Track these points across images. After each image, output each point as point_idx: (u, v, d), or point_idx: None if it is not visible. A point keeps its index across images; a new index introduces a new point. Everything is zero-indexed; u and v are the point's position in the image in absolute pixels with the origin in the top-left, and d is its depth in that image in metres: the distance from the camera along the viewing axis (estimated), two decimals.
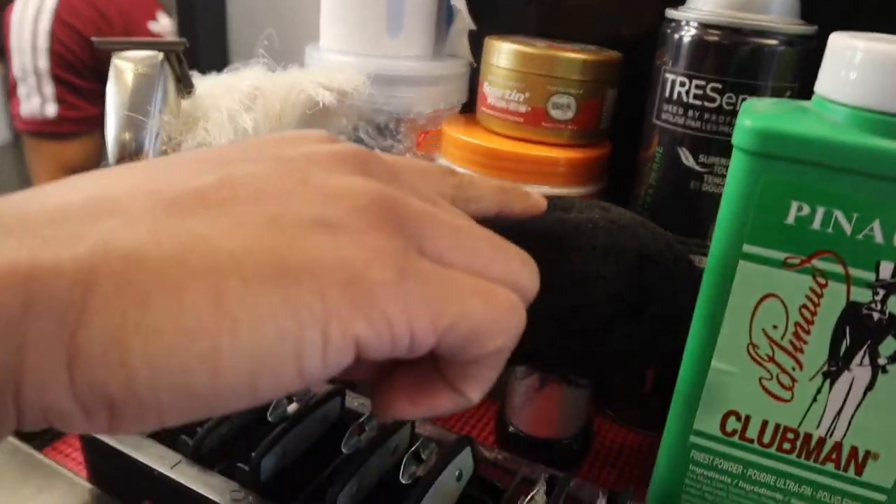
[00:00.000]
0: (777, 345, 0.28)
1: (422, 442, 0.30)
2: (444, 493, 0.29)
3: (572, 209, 0.40)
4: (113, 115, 0.41)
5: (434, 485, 0.27)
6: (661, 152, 0.43)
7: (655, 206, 0.44)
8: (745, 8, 0.39)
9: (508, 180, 0.46)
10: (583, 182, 0.48)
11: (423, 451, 0.30)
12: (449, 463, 0.29)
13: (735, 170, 0.27)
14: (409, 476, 0.28)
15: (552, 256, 0.35)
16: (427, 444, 0.30)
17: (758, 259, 0.28)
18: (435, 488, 0.28)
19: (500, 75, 0.48)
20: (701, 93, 0.40)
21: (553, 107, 0.47)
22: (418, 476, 0.28)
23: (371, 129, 0.53)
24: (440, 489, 0.28)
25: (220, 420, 0.32)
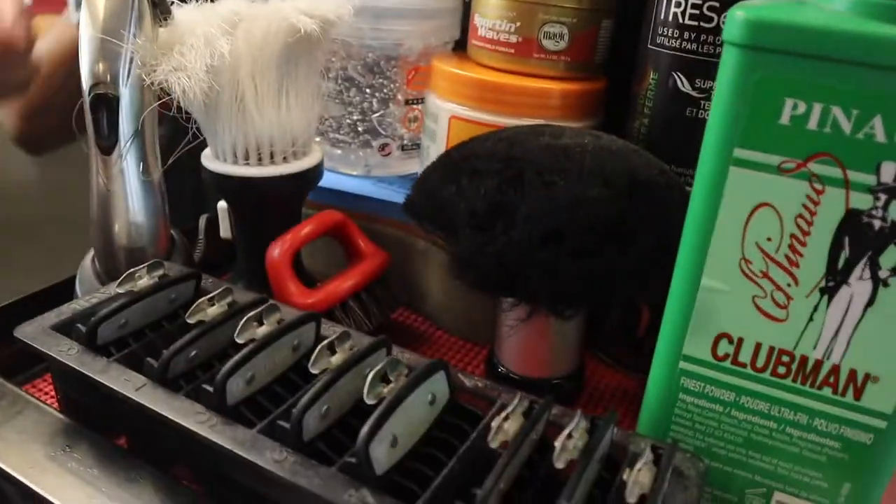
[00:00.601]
0: (771, 259, 0.27)
1: (389, 362, 0.29)
2: (414, 416, 0.27)
3: (563, 136, 0.38)
4: (86, 37, 0.39)
5: (402, 406, 0.26)
6: (656, 79, 0.41)
7: (650, 138, 0.42)
8: None
9: (499, 113, 0.44)
10: (577, 116, 0.46)
11: (390, 371, 0.28)
12: (419, 385, 0.27)
13: (725, 67, 0.25)
14: (374, 396, 0.27)
15: (539, 180, 0.34)
16: (395, 364, 0.29)
17: (750, 164, 0.26)
18: (403, 410, 0.26)
19: (491, 4, 0.46)
20: (697, 12, 0.38)
21: (545, 37, 0.45)
22: (383, 397, 0.27)
23: (361, 66, 0.51)
24: (409, 411, 0.27)
25: (187, 342, 0.30)
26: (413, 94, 0.52)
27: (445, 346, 0.48)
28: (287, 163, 0.44)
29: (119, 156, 0.40)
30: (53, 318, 0.34)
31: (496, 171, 0.35)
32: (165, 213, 0.43)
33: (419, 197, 0.39)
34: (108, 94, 0.39)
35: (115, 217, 0.41)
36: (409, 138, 0.53)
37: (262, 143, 0.43)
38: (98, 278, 0.43)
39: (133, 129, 0.40)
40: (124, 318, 0.33)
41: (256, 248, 0.47)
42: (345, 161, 0.54)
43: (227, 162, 0.44)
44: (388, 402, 0.25)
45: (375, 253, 0.47)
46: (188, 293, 0.36)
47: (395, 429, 0.26)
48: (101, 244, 0.42)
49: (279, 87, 0.43)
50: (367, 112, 0.52)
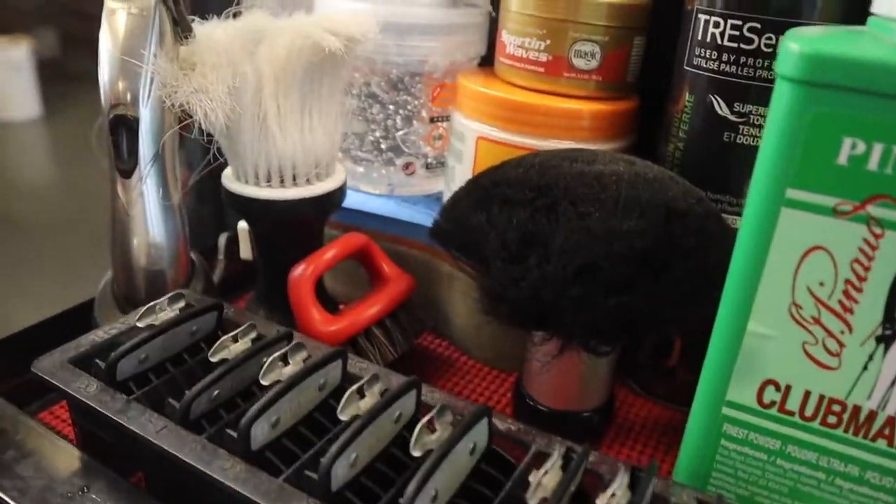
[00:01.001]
0: (824, 305, 0.25)
1: (438, 409, 0.27)
2: (455, 468, 0.26)
3: (595, 162, 0.37)
4: (106, 58, 0.38)
5: (447, 459, 0.25)
6: (693, 102, 0.39)
7: (685, 162, 0.41)
8: None
9: (528, 134, 0.43)
10: (608, 137, 0.44)
11: (438, 418, 0.27)
12: (465, 435, 0.26)
13: (779, 102, 0.24)
14: (420, 448, 0.26)
15: (573, 210, 0.32)
16: (443, 411, 0.28)
17: (803, 206, 0.24)
18: (448, 462, 0.25)
19: (519, 21, 0.44)
20: (737, 34, 0.37)
21: (576, 55, 0.43)
22: (429, 448, 0.26)
23: (384, 83, 0.50)
24: (453, 463, 0.25)
25: (209, 383, 0.29)
26: (438, 112, 0.51)
27: (471, 373, 0.47)
28: (310, 184, 0.43)
29: (139, 179, 0.39)
30: (72, 350, 0.33)
31: (528, 200, 0.33)
32: (186, 236, 0.42)
33: (447, 223, 0.38)
34: (128, 116, 0.38)
35: (135, 241, 0.40)
36: (433, 156, 0.52)
37: (284, 164, 0.42)
38: (116, 302, 0.42)
39: (153, 151, 0.39)
40: (144, 352, 0.32)
41: (278, 270, 0.46)
42: (367, 179, 0.52)
43: (248, 183, 0.43)
44: (435, 457, 0.24)
45: (400, 277, 0.45)
46: (210, 325, 0.35)
47: (438, 483, 0.24)
48: (119, 267, 0.41)
49: (302, 107, 0.42)
50: (391, 130, 0.50)
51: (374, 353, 0.43)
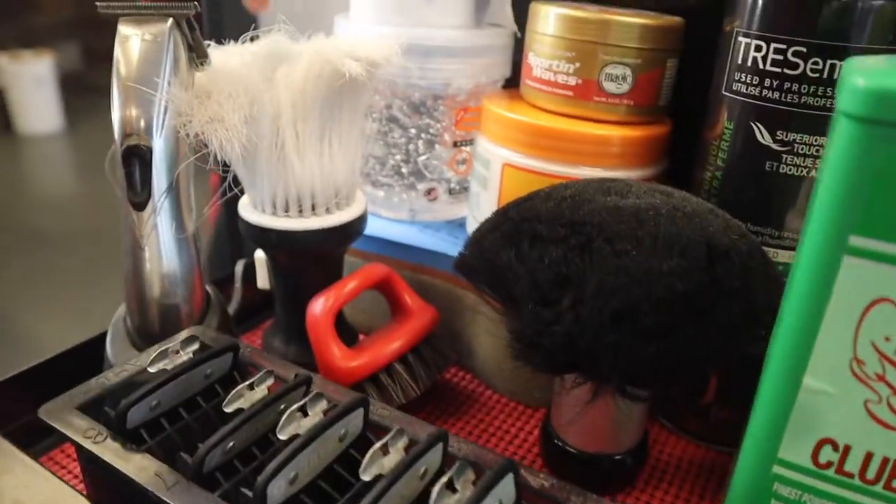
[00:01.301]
0: (889, 361, 0.23)
1: (457, 467, 0.26)
2: None
3: (629, 194, 0.35)
4: (118, 86, 0.37)
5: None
6: (732, 129, 0.37)
7: (723, 192, 0.39)
8: None
9: (556, 161, 0.41)
10: (640, 164, 0.42)
11: (457, 478, 0.25)
12: (488, 494, 0.24)
13: (840, 141, 0.22)
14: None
15: (609, 249, 0.31)
16: (462, 469, 0.26)
17: (868, 254, 0.22)
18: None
19: (547, 43, 0.42)
20: (781, 58, 0.35)
21: (607, 78, 0.41)
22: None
23: (406, 106, 0.48)
24: None
25: (224, 436, 0.28)
26: (461, 136, 0.49)
27: (496, 409, 0.45)
28: (329, 214, 0.42)
29: (152, 211, 0.37)
30: (81, 395, 0.31)
31: (561, 237, 0.32)
32: (201, 269, 0.41)
33: (474, 258, 0.36)
34: (141, 146, 0.36)
35: (148, 274, 0.39)
36: (456, 181, 0.50)
37: (303, 193, 0.41)
38: (129, 337, 0.40)
39: (167, 182, 0.37)
40: (156, 398, 0.30)
41: (296, 301, 0.44)
42: (388, 204, 0.51)
43: (265, 212, 0.42)
44: None
45: (423, 309, 0.44)
46: (225, 366, 0.34)
47: None
48: (133, 301, 0.40)
49: (321, 134, 0.40)
50: (412, 154, 0.49)
51: (395, 390, 0.41)
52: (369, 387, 0.41)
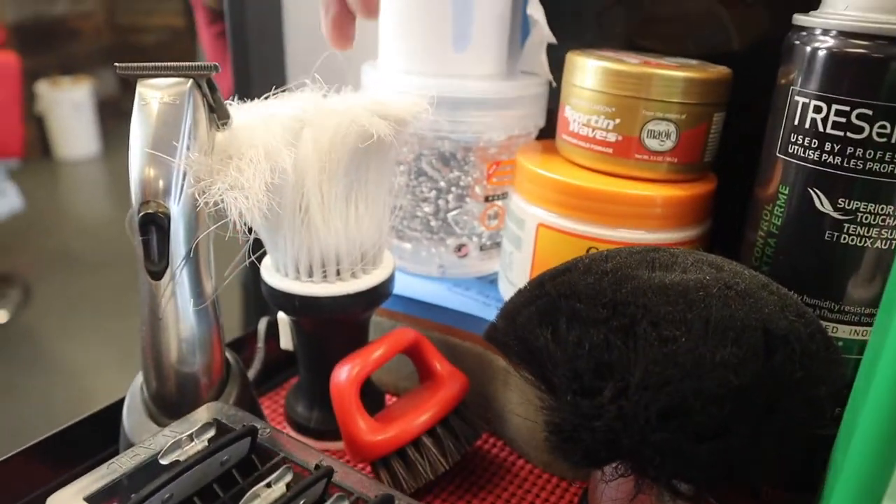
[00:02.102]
0: None
1: None
2: None
3: (674, 267, 0.32)
4: (136, 149, 0.35)
5: None
6: (787, 194, 0.35)
7: (777, 260, 0.36)
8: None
9: (594, 222, 0.39)
10: (684, 225, 0.40)
11: None
12: None
13: None
14: None
15: (655, 334, 0.28)
16: None
17: None
18: None
19: (585, 97, 0.40)
20: (843, 120, 0.32)
21: (649, 135, 0.39)
22: None
23: (435, 159, 0.46)
24: None
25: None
26: (493, 190, 0.47)
27: (529, 481, 0.42)
28: (355, 278, 0.40)
29: (170, 280, 0.36)
30: (91, 484, 0.30)
31: (602, 319, 0.29)
32: (221, 337, 0.39)
33: (507, 333, 0.33)
34: (159, 214, 0.35)
35: (166, 345, 0.37)
36: (488, 236, 0.48)
37: (327, 257, 0.39)
38: (146, 407, 0.38)
39: (185, 251, 0.36)
40: (169, 492, 0.28)
41: (320, 366, 0.42)
42: (416, 258, 0.49)
43: (288, 276, 0.40)
44: None
45: (453, 377, 0.41)
46: (242, 451, 0.32)
47: None
48: (150, 370, 0.38)
49: (347, 196, 0.39)
50: (442, 208, 0.47)
51: (423, 465, 0.39)
52: (396, 462, 0.39)
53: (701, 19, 0.45)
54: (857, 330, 0.34)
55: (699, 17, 0.45)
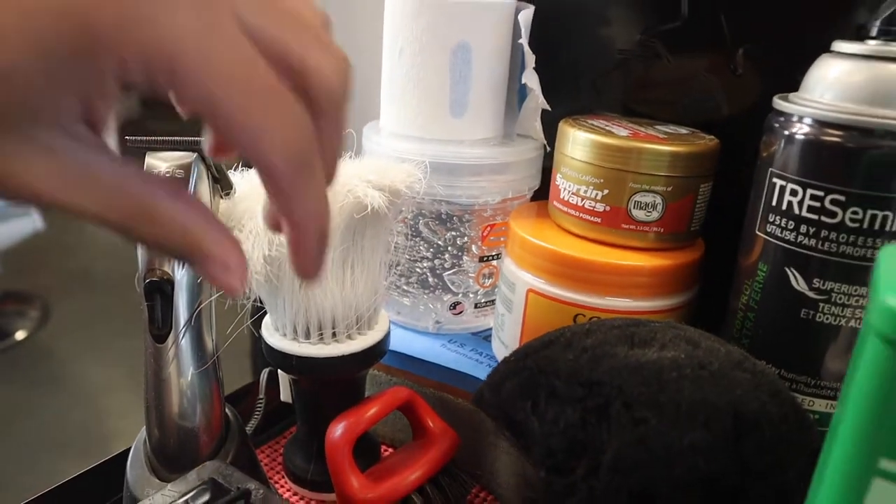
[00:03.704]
0: None
1: None
2: None
3: (653, 343, 0.33)
4: None
5: None
6: (765, 271, 0.36)
7: (756, 333, 0.37)
8: (876, 102, 0.32)
9: (582, 290, 0.40)
10: (670, 293, 0.41)
11: None
12: None
13: (871, 359, 0.21)
14: None
15: (628, 415, 0.29)
16: None
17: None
18: None
19: (575, 168, 0.42)
20: (818, 205, 0.33)
21: (636, 206, 0.40)
22: None
23: (432, 220, 0.48)
24: None
25: None
26: (488, 250, 0.48)
27: None
28: (351, 339, 0.41)
29: (173, 343, 0.37)
30: None
31: (578, 398, 0.30)
32: (220, 395, 0.40)
33: (492, 403, 0.35)
34: (163, 281, 0.36)
35: (168, 403, 0.38)
36: (482, 294, 0.49)
37: (324, 320, 0.40)
38: (148, 462, 0.40)
39: (188, 315, 0.37)
40: None
41: (316, 420, 0.44)
42: (413, 313, 0.50)
43: (286, 336, 0.41)
44: None
45: (444, 434, 0.42)
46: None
47: None
48: (153, 427, 0.40)
49: (343, 262, 0.40)
50: (438, 268, 0.48)
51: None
52: None
53: (691, 87, 0.47)
54: (832, 404, 0.35)
55: (689, 85, 0.47)
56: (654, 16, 0.47)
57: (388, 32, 0.47)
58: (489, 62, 0.46)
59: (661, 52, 0.47)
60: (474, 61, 0.45)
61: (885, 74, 0.32)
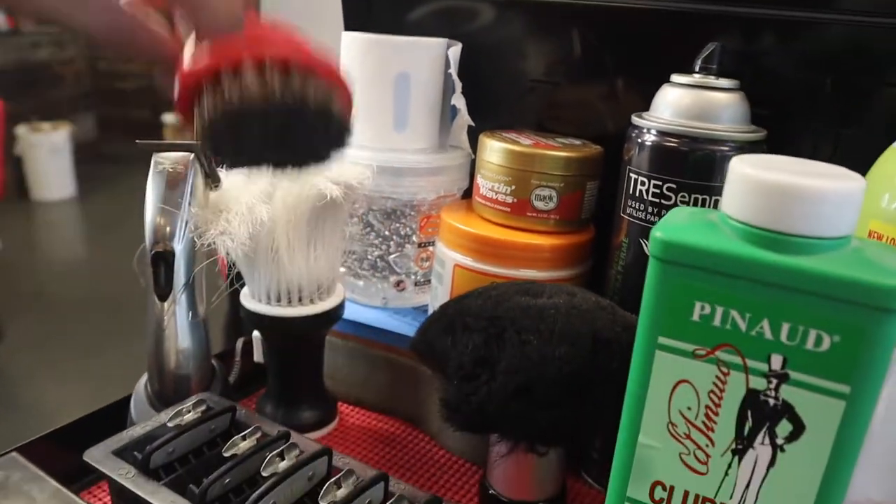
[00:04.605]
0: (692, 424, 0.33)
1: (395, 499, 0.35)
2: None
3: (543, 294, 0.45)
4: (150, 203, 0.48)
5: None
6: (627, 242, 0.48)
7: (624, 290, 0.49)
8: (700, 118, 0.45)
9: (497, 264, 0.52)
10: (565, 266, 0.53)
11: None
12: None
13: (650, 273, 0.32)
14: None
15: (517, 338, 0.41)
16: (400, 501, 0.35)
17: (671, 350, 0.32)
18: None
19: (490, 169, 0.53)
20: (658, 191, 0.45)
21: (536, 199, 0.52)
22: None
23: (380, 213, 0.59)
24: None
25: (222, 473, 0.37)
26: (425, 238, 0.59)
27: (446, 465, 0.54)
28: (313, 304, 0.52)
29: (173, 301, 0.48)
30: (114, 443, 0.41)
31: (482, 328, 0.42)
32: (208, 347, 0.51)
33: (422, 343, 0.46)
34: (166, 252, 0.47)
35: (167, 350, 0.49)
36: (421, 275, 0.61)
37: (292, 287, 0.51)
38: (149, 401, 0.50)
39: (185, 279, 0.48)
40: (172, 447, 0.40)
41: (285, 372, 0.54)
42: (365, 292, 0.61)
43: (261, 302, 0.52)
44: None
45: None
46: (225, 424, 0.43)
47: None
48: (153, 371, 0.50)
49: (308, 241, 0.51)
50: (385, 253, 0.59)
51: None
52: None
53: (587, 109, 0.59)
54: None
55: (586, 107, 0.59)
56: (556, 52, 0.59)
57: (344, 64, 0.59)
58: (425, 88, 0.58)
59: (561, 81, 0.59)
60: (413, 87, 0.57)
61: (703, 98, 0.45)
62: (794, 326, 0.30)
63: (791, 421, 0.31)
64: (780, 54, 0.51)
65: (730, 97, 0.45)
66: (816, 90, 0.50)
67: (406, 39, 0.57)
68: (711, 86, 0.45)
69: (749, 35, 0.51)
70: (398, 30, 0.59)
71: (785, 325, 0.30)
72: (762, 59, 0.51)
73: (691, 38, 0.52)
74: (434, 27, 0.62)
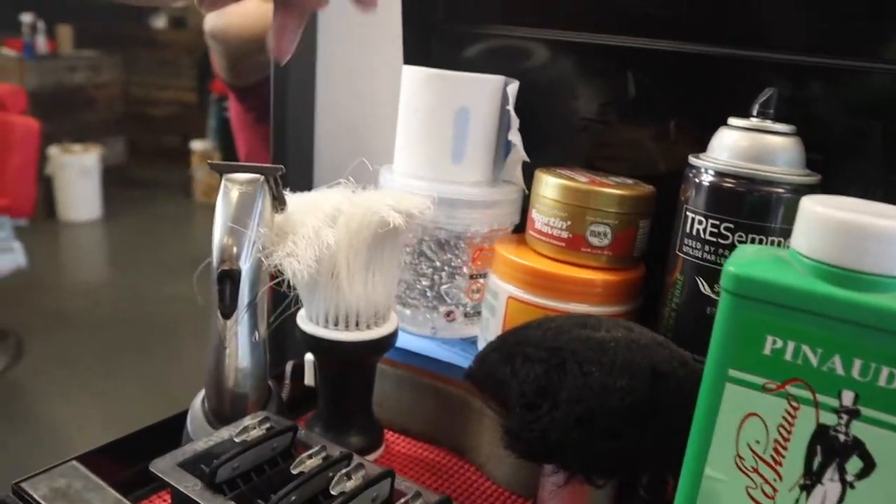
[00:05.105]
0: (760, 458, 0.33)
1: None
2: None
3: (601, 328, 0.46)
4: (220, 223, 0.49)
5: None
6: (682, 280, 0.49)
7: (677, 327, 0.50)
8: (757, 160, 0.46)
9: (550, 297, 0.53)
10: (617, 302, 0.53)
11: None
12: None
13: (722, 306, 0.33)
14: None
15: (579, 369, 0.41)
16: None
17: (741, 382, 0.33)
18: None
19: (546, 204, 0.55)
20: (716, 230, 0.46)
21: (591, 234, 0.53)
22: None
23: (433, 244, 0.60)
24: None
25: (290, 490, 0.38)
26: (477, 270, 0.61)
27: (493, 496, 0.55)
28: (369, 329, 0.53)
29: (236, 320, 0.49)
30: (179, 456, 0.42)
31: (543, 358, 0.42)
32: (266, 367, 0.52)
33: (479, 372, 0.47)
34: (233, 270, 0.48)
35: (227, 368, 0.50)
36: (471, 307, 0.62)
37: (350, 312, 0.52)
38: (206, 417, 0.51)
39: (249, 298, 0.49)
40: (238, 462, 0.41)
41: (336, 396, 0.55)
42: (413, 321, 0.62)
43: (318, 325, 0.53)
44: None
45: None
46: (285, 442, 0.44)
47: None
48: (212, 388, 0.51)
49: (367, 267, 0.52)
50: (436, 282, 0.60)
51: None
52: None
53: (638, 149, 0.60)
54: None
55: (637, 147, 0.60)
56: (609, 92, 0.61)
57: (404, 96, 0.61)
58: (483, 123, 0.60)
59: (614, 120, 0.61)
60: (471, 122, 0.59)
61: (761, 142, 0.46)
62: (867, 363, 0.31)
63: (861, 458, 0.32)
64: (831, 101, 0.52)
65: (787, 141, 0.47)
66: (867, 136, 0.51)
67: (468, 75, 0.58)
68: (769, 129, 0.47)
69: (799, 82, 0.52)
70: (454, 65, 0.60)
71: (857, 361, 0.31)
72: (812, 105, 0.52)
73: (742, 83, 0.53)
74: (489, 64, 0.63)
